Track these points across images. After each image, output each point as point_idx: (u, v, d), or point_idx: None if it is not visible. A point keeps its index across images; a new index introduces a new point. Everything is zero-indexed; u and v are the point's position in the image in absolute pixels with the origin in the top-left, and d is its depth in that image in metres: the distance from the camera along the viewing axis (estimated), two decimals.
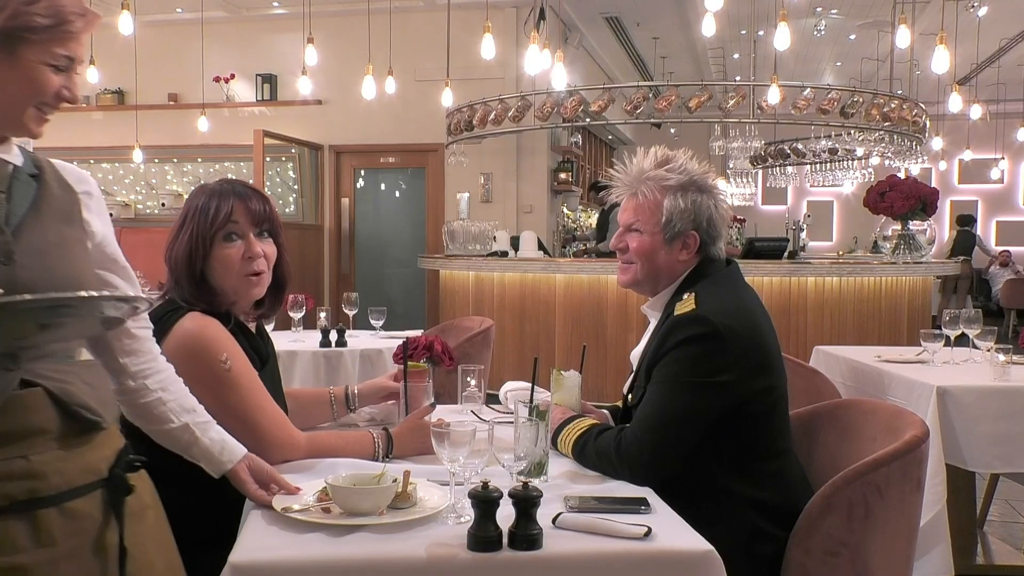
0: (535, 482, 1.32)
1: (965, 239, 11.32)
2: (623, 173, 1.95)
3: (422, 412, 1.88)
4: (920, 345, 3.27)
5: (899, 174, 7.72)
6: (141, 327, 1.41)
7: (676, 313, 1.77)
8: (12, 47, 1.17)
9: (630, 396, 1.92)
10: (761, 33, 9.16)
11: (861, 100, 6.87)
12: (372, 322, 4.07)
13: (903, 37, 6.01)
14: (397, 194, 9.55)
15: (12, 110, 1.21)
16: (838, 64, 11.97)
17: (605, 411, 2.04)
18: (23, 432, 1.13)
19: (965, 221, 11.71)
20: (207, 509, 1.55)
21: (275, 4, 8.84)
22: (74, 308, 1.14)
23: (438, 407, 2.11)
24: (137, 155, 8.41)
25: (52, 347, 1.21)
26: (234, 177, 2.10)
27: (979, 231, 13.58)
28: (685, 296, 1.80)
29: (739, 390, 1.71)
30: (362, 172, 9.37)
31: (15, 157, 1.26)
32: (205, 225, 1.74)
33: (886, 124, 6.99)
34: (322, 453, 1.74)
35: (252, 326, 1.91)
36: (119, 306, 1.20)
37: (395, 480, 1.43)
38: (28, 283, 1.15)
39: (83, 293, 1.14)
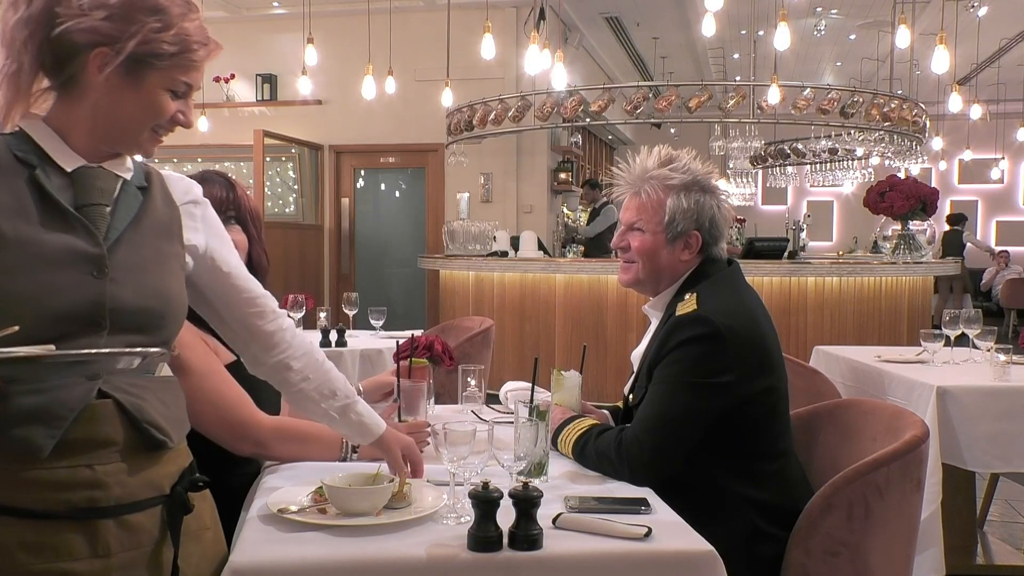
0: (535, 482, 1.32)
1: (954, 238, 11.28)
2: (626, 172, 1.94)
3: (389, 410, 1.89)
4: (920, 345, 3.27)
5: (899, 174, 7.72)
6: (271, 323, 1.44)
7: (678, 313, 1.77)
8: (139, 71, 1.20)
9: (631, 396, 1.92)
10: (761, 33, 9.16)
11: (861, 100, 6.87)
12: (372, 322, 4.08)
13: (903, 37, 6.01)
14: (397, 194, 9.55)
15: (130, 130, 1.25)
16: (838, 64, 11.98)
17: (605, 411, 2.04)
18: (91, 442, 1.14)
19: (955, 220, 11.64)
20: None
21: (275, 4, 8.84)
22: (92, 364, 1.14)
23: (438, 407, 2.10)
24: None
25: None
26: (233, 177, 2.09)
27: (979, 231, 13.58)
28: (687, 296, 1.80)
29: (740, 391, 1.71)
30: (362, 172, 9.37)
31: (126, 171, 1.28)
32: None
33: (886, 124, 6.98)
34: (287, 436, 1.71)
35: None
36: (132, 361, 1.19)
37: (392, 480, 1.43)
38: (118, 297, 1.17)
39: (93, 351, 1.13)
